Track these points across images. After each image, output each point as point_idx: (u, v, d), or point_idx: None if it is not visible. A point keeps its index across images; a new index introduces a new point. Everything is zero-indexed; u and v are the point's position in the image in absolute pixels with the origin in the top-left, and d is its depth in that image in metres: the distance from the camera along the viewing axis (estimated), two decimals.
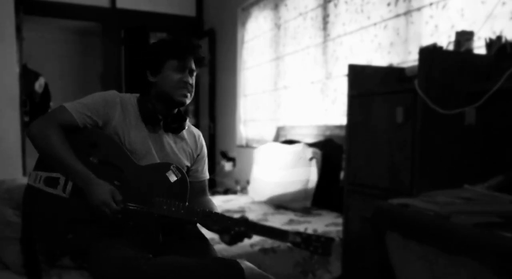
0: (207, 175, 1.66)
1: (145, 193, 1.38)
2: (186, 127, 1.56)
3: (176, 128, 1.53)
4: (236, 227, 1.33)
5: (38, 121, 1.39)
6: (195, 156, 1.60)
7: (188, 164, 1.57)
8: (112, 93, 1.49)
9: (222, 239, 1.38)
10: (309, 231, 2.30)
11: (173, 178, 1.42)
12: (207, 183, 1.66)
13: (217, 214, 1.38)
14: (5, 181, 1.69)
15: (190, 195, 1.56)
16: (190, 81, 1.48)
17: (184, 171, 1.52)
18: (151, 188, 1.40)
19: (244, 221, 1.34)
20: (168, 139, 1.52)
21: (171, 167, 1.43)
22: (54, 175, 1.41)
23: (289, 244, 1.34)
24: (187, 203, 1.40)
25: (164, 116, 1.49)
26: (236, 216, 1.38)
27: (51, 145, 1.35)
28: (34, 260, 1.49)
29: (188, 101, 1.49)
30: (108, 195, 1.32)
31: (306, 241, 1.31)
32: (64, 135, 1.38)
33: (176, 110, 1.54)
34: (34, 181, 1.42)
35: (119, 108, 1.45)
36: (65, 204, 1.39)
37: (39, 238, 1.45)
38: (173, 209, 1.36)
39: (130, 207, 1.36)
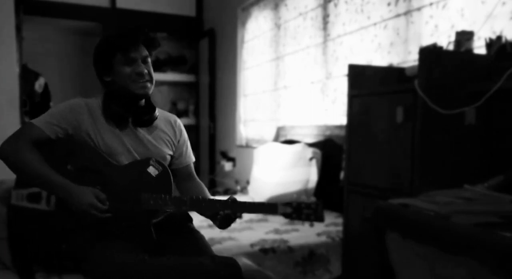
0: (192, 158, 1.63)
1: (130, 192, 1.38)
2: (157, 116, 1.52)
3: (147, 120, 1.49)
4: (225, 209, 1.33)
5: (7, 140, 1.36)
6: (176, 142, 1.58)
7: (170, 152, 1.55)
8: (76, 99, 1.47)
9: (216, 223, 1.39)
10: (309, 232, 2.30)
11: (154, 172, 1.41)
12: (193, 167, 1.63)
13: (205, 199, 1.38)
14: (5, 181, 1.69)
15: (178, 181, 1.56)
16: (144, 71, 1.43)
17: (167, 160, 1.51)
18: (135, 186, 1.39)
19: (232, 201, 1.35)
20: (143, 132, 1.49)
21: (151, 162, 1.42)
22: (36, 190, 1.40)
23: (281, 216, 1.34)
24: (173, 194, 1.39)
25: (132, 112, 1.46)
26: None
27: (24, 161, 1.32)
28: (26, 264, 1.48)
29: (150, 91, 1.46)
30: (91, 197, 1.32)
31: (297, 210, 1.32)
32: (35, 149, 1.35)
33: (143, 102, 1.51)
34: (16, 199, 1.41)
35: (86, 112, 1.43)
36: (53, 216, 1.39)
37: (33, 254, 1.44)
38: (160, 202, 1.35)
39: (118, 207, 1.36)
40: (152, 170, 1.41)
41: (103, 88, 1.51)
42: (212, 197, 1.41)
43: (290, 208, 1.32)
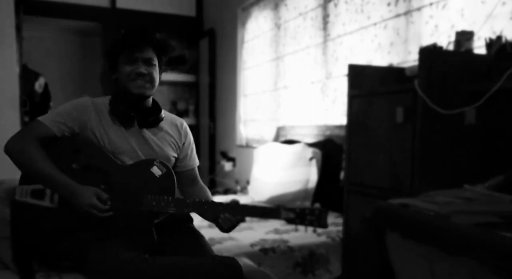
0: (196, 162, 1.63)
1: (133, 192, 1.38)
2: (163, 118, 1.53)
3: (152, 122, 1.50)
4: (228, 212, 1.33)
5: (14, 137, 1.39)
6: (180, 145, 1.58)
7: (175, 154, 1.55)
8: (83, 98, 1.49)
9: (218, 227, 1.39)
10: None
11: (158, 173, 1.41)
12: (197, 171, 1.64)
13: (207, 202, 1.38)
14: (5, 181, 1.69)
15: (182, 184, 1.56)
16: (143, 71, 1.44)
17: (172, 163, 1.52)
18: (138, 186, 1.39)
19: (235, 204, 1.35)
20: (148, 133, 1.50)
21: (155, 162, 1.42)
22: (40, 186, 1.41)
23: (283, 221, 1.34)
24: (176, 196, 1.40)
25: (137, 112, 1.47)
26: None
27: (29, 158, 1.35)
28: (27, 263, 1.48)
29: (148, 91, 1.46)
30: (92, 197, 1.32)
31: (300, 215, 1.32)
32: (41, 147, 1.37)
33: (150, 103, 1.53)
34: (20, 195, 1.41)
35: (92, 111, 1.45)
36: (55, 214, 1.39)
37: (33, 250, 1.44)
38: (163, 203, 1.36)
39: (120, 207, 1.36)
40: (156, 171, 1.41)
41: (113, 87, 1.53)
42: (213, 201, 1.41)
43: (293, 213, 1.32)
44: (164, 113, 1.54)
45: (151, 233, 1.38)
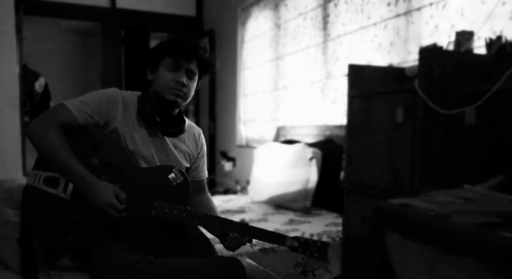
0: (206, 174, 1.65)
1: (147, 196, 1.37)
2: (186, 130, 1.54)
3: (174, 132, 1.50)
4: (237, 231, 1.34)
5: (38, 120, 1.35)
6: (195, 155, 1.59)
7: (188, 165, 1.56)
8: (114, 91, 1.45)
9: (224, 244, 1.39)
10: (308, 232, 2.30)
11: (175, 181, 1.41)
12: (205, 182, 1.65)
13: (218, 218, 1.38)
14: (5, 181, 1.69)
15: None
16: (184, 81, 1.43)
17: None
18: (153, 190, 1.38)
19: (245, 225, 1.36)
20: (169, 143, 1.50)
21: (174, 170, 1.42)
22: (54, 174, 1.38)
23: (287, 248, 1.37)
24: (188, 207, 1.39)
25: (162, 119, 1.47)
26: (237, 216, 1.38)
27: (51, 146, 1.31)
28: (31, 262, 1.48)
29: (181, 101, 1.45)
30: (112, 196, 1.31)
31: (303, 245, 1.35)
32: (64, 136, 1.34)
33: (176, 112, 1.52)
34: (33, 180, 1.39)
35: (121, 108, 1.43)
36: (66, 205, 1.37)
37: (39, 238, 1.44)
38: (175, 212, 1.35)
39: (132, 209, 1.35)
40: (173, 178, 1.41)
41: (143, 85, 1.52)
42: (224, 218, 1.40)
43: (298, 242, 1.35)
44: (186, 124, 1.54)
45: (158, 236, 1.38)
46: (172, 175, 1.41)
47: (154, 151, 1.46)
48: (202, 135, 1.64)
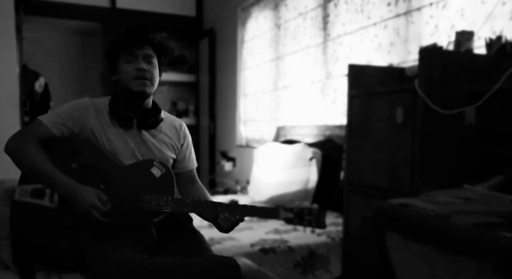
0: (194, 164, 1.64)
1: (133, 192, 1.39)
2: (163, 120, 1.54)
3: (152, 123, 1.50)
4: (227, 212, 1.34)
5: (14, 136, 1.39)
6: (179, 146, 1.59)
7: (173, 156, 1.56)
8: (84, 99, 1.49)
9: (218, 227, 1.40)
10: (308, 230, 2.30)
11: (158, 173, 1.42)
12: (195, 172, 1.65)
13: (206, 201, 1.39)
14: (5, 181, 1.68)
15: (180, 185, 1.57)
16: (144, 67, 1.44)
17: (170, 164, 1.52)
18: (138, 186, 1.40)
19: (234, 204, 1.37)
20: (147, 135, 1.51)
21: (154, 163, 1.43)
22: (39, 186, 1.41)
23: (282, 221, 1.35)
24: (175, 196, 1.40)
25: (137, 113, 1.48)
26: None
27: (29, 157, 1.35)
28: (28, 263, 1.48)
29: (148, 89, 1.46)
30: (94, 198, 1.33)
31: (299, 215, 1.33)
32: (41, 148, 1.38)
33: (150, 104, 1.53)
34: (20, 195, 1.42)
35: (93, 112, 1.45)
36: (55, 213, 1.39)
37: (33, 250, 1.44)
38: (162, 203, 1.37)
39: (120, 207, 1.36)
40: (155, 171, 1.42)
41: (113, 89, 1.54)
42: (212, 201, 1.42)
43: (292, 213, 1.33)
44: (163, 114, 1.54)
45: (150, 233, 1.38)
46: (154, 168, 1.42)
47: (134, 146, 1.47)
48: (184, 126, 1.63)
